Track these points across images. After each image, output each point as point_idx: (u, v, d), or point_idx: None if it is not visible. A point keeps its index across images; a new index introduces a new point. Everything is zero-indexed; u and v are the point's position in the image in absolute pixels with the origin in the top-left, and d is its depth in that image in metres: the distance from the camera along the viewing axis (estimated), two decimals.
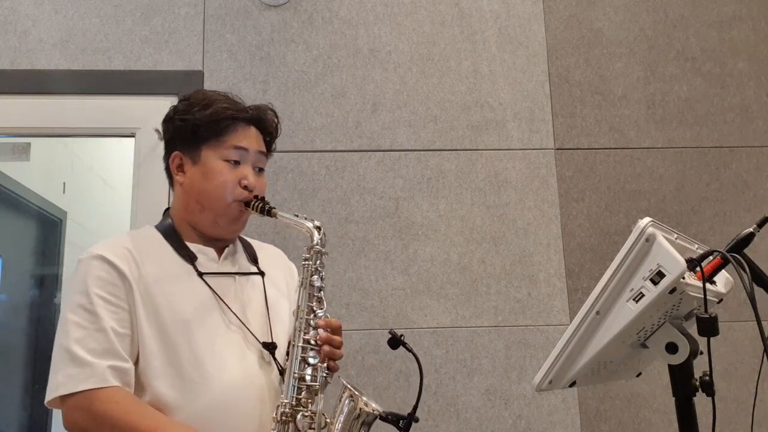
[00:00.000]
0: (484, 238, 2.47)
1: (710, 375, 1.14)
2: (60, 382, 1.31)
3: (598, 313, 1.12)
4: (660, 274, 1.06)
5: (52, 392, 1.32)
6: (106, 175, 4.01)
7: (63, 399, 1.31)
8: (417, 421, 1.38)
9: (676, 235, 1.17)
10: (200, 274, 1.44)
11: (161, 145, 2.53)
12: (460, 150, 2.54)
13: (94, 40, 2.54)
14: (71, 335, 1.32)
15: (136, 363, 1.36)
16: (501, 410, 2.35)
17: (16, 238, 3.39)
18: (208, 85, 2.51)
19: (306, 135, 2.51)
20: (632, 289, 1.09)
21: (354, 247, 2.44)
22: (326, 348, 1.39)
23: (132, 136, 2.50)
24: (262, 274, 1.55)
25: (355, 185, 2.49)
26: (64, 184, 3.73)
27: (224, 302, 1.43)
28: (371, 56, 2.59)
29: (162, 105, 2.48)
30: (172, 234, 1.49)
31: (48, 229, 3.55)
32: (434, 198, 2.50)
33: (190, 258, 1.45)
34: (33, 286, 3.48)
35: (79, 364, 1.30)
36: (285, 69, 2.56)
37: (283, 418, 1.34)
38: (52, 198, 3.56)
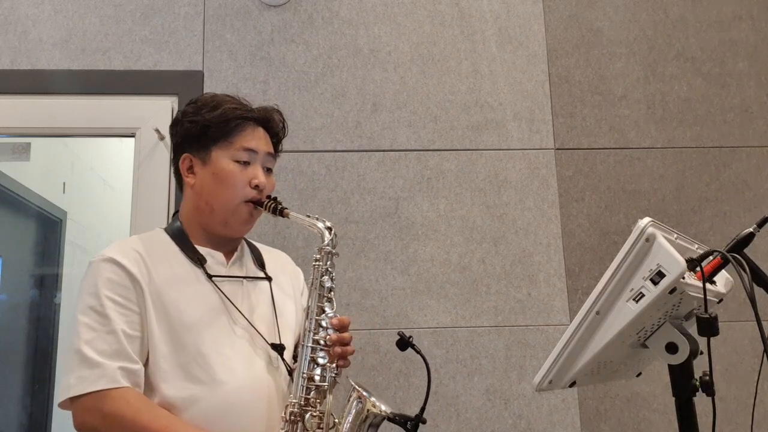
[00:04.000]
0: (484, 238, 2.47)
1: (710, 375, 1.14)
2: (71, 383, 1.32)
3: (598, 313, 1.12)
4: (660, 274, 1.06)
5: (63, 394, 1.33)
6: (106, 175, 4.01)
7: (74, 400, 1.32)
8: (425, 422, 1.39)
9: (676, 235, 1.17)
10: (210, 277, 1.45)
11: (161, 145, 2.54)
12: (460, 150, 2.54)
13: (94, 40, 2.54)
14: (82, 337, 1.34)
15: (146, 365, 1.37)
16: (501, 410, 2.35)
17: (16, 238, 3.39)
18: (209, 84, 2.51)
19: (306, 135, 2.51)
20: (632, 289, 1.09)
21: (354, 247, 2.44)
22: (338, 349, 1.41)
23: (132, 136, 2.50)
24: (269, 278, 1.56)
25: (355, 185, 2.49)
26: (64, 184, 3.73)
27: (233, 305, 1.44)
28: (371, 56, 2.59)
29: (162, 105, 2.50)
30: (181, 236, 1.50)
31: (48, 229, 3.55)
32: (434, 198, 2.50)
33: (200, 261, 1.47)
34: (33, 286, 3.48)
35: (90, 365, 1.32)
36: (285, 69, 2.56)
37: (292, 417, 1.35)
38: (52, 198, 3.56)
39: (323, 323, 1.43)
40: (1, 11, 2.54)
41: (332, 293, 1.47)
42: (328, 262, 1.48)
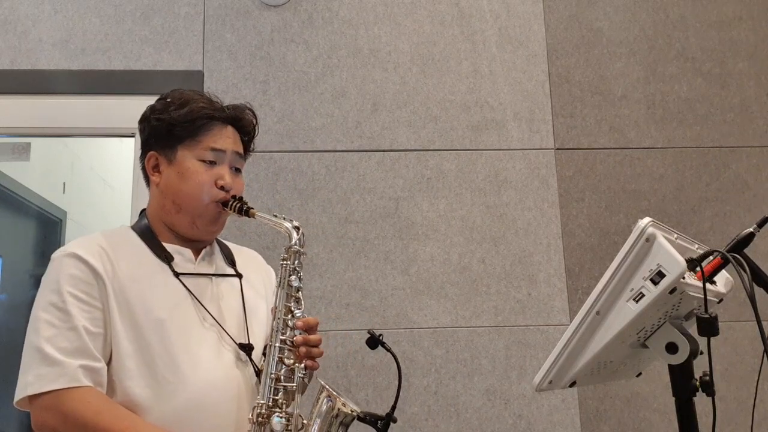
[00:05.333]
0: (484, 238, 2.47)
1: (710, 375, 1.14)
2: (29, 381, 1.28)
3: (598, 313, 1.12)
4: (660, 274, 1.06)
5: (20, 392, 1.29)
6: (106, 175, 4.01)
7: (32, 399, 1.29)
8: (395, 421, 1.37)
9: (676, 235, 1.17)
10: (176, 275, 1.42)
11: None
12: (460, 150, 2.54)
13: (94, 40, 2.54)
14: (42, 333, 1.30)
15: (109, 363, 1.33)
16: (501, 410, 2.35)
17: (16, 238, 3.39)
18: (209, 84, 2.51)
19: (306, 135, 2.51)
20: (632, 289, 1.09)
21: (354, 247, 2.44)
22: (303, 349, 1.37)
23: (132, 136, 2.50)
24: (239, 276, 1.53)
25: (355, 185, 2.49)
26: (64, 184, 3.73)
27: (200, 302, 1.41)
28: (371, 56, 2.59)
29: None
30: (148, 234, 1.47)
31: (48, 229, 3.55)
32: (434, 198, 2.50)
33: (167, 258, 1.43)
34: (33, 286, 3.48)
35: (50, 363, 1.28)
36: (285, 69, 2.56)
37: (259, 419, 1.32)
38: (52, 198, 3.56)
39: (290, 323, 1.40)
40: (1, 11, 2.54)
41: (300, 293, 1.43)
42: (296, 261, 1.45)
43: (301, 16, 2.61)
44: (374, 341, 1.44)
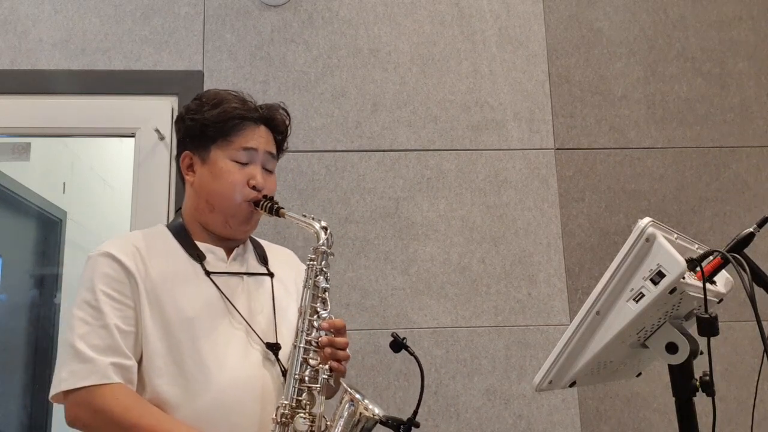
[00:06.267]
0: (484, 238, 2.47)
1: (710, 375, 1.14)
2: (63, 377, 1.31)
3: (598, 313, 1.12)
4: (660, 274, 1.06)
5: (55, 387, 1.33)
6: (106, 175, 4.01)
7: (66, 394, 1.32)
8: (418, 426, 1.37)
9: (676, 235, 1.17)
10: (208, 273, 1.44)
11: (161, 145, 2.55)
12: (460, 150, 2.54)
13: (94, 40, 2.54)
14: (76, 331, 1.33)
15: (140, 361, 1.36)
16: (501, 410, 2.35)
17: (16, 238, 3.39)
18: (209, 84, 2.51)
19: (306, 135, 2.51)
20: (632, 289, 1.09)
21: (354, 247, 2.44)
22: (328, 350, 1.38)
23: (132, 136, 2.50)
24: (271, 275, 1.54)
25: (355, 185, 2.49)
26: (64, 184, 3.73)
27: (230, 302, 1.43)
28: (371, 56, 2.59)
29: (162, 105, 2.50)
30: (182, 233, 1.49)
31: (48, 229, 3.55)
32: (434, 198, 2.50)
33: (199, 257, 1.46)
34: (33, 286, 3.48)
35: (82, 360, 1.31)
36: (285, 69, 2.56)
37: (283, 419, 1.33)
38: (52, 198, 3.56)
39: (316, 324, 1.40)
40: (1, 11, 2.54)
41: (327, 294, 1.44)
42: (323, 262, 1.46)
43: (301, 16, 2.61)
44: (398, 345, 1.44)
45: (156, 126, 2.46)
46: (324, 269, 1.46)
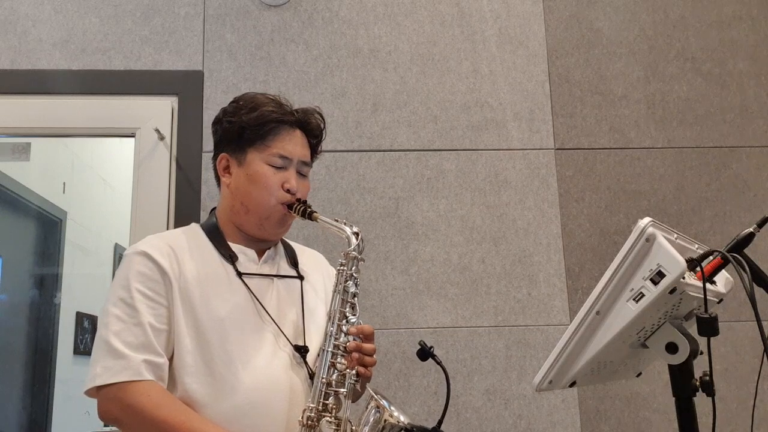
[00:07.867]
0: (484, 238, 2.47)
1: (710, 375, 1.14)
2: (97, 373, 1.34)
3: (598, 313, 1.12)
4: (660, 274, 1.06)
5: (89, 382, 1.35)
6: (106, 175, 4.01)
7: (98, 389, 1.35)
8: None
9: (676, 235, 1.17)
10: (239, 275, 1.46)
11: (161, 145, 2.55)
12: (460, 150, 2.54)
13: (94, 40, 2.54)
14: (110, 328, 1.36)
15: (171, 359, 1.39)
16: (501, 410, 2.35)
17: (16, 238, 3.39)
18: (208, 85, 2.51)
19: None
20: (632, 289, 1.09)
21: None
22: (355, 355, 1.39)
23: (132, 136, 2.50)
24: (301, 277, 1.56)
25: (355, 185, 2.49)
26: (64, 184, 3.73)
27: (260, 303, 1.45)
28: (371, 56, 2.59)
29: (162, 105, 2.50)
30: (215, 233, 1.52)
31: (48, 229, 3.55)
32: (434, 198, 2.50)
33: (231, 258, 1.48)
34: (33, 286, 3.48)
35: (116, 356, 1.34)
36: (285, 69, 2.56)
37: (309, 422, 1.35)
38: (52, 198, 3.56)
39: (344, 329, 1.42)
40: (1, 11, 2.54)
41: (356, 299, 1.45)
42: (354, 267, 1.47)
43: (301, 16, 2.61)
44: (425, 353, 1.44)
45: (156, 126, 2.45)
46: (354, 274, 1.47)
